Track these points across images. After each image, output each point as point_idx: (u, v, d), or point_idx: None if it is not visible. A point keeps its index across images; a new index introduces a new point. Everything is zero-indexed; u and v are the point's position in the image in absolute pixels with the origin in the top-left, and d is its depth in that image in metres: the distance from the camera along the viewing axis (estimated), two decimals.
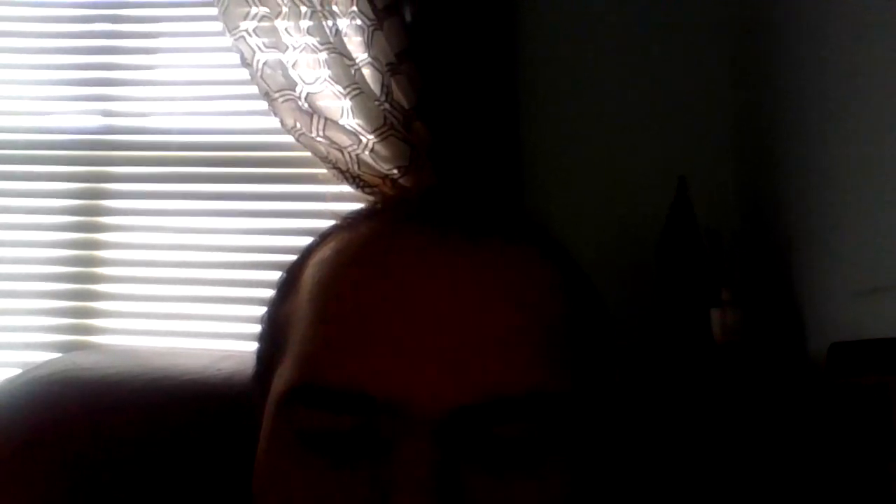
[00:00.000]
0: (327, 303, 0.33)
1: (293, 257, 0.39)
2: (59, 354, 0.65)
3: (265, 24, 1.28)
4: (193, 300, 1.38)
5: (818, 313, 0.99)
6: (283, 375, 0.33)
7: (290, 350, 0.34)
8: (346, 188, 1.29)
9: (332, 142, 1.25)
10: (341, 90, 1.25)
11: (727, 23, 1.32)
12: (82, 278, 1.40)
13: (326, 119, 1.25)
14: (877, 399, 0.59)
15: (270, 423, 0.33)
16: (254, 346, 0.39)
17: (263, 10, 1.28)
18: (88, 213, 1.42)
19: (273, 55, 1.28)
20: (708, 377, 0.95)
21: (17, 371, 0.50)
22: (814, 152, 1.00)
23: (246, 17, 1.28)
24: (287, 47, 1.28)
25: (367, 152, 1.24)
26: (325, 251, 0.36)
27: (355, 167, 1.26)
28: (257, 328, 0.39)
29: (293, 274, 0.37)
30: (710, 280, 1.10)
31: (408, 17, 1.26)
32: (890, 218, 0.80)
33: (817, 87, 0.99)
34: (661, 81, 1.32)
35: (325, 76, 1.26)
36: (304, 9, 1.27)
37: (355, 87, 1.24)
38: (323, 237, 0.38)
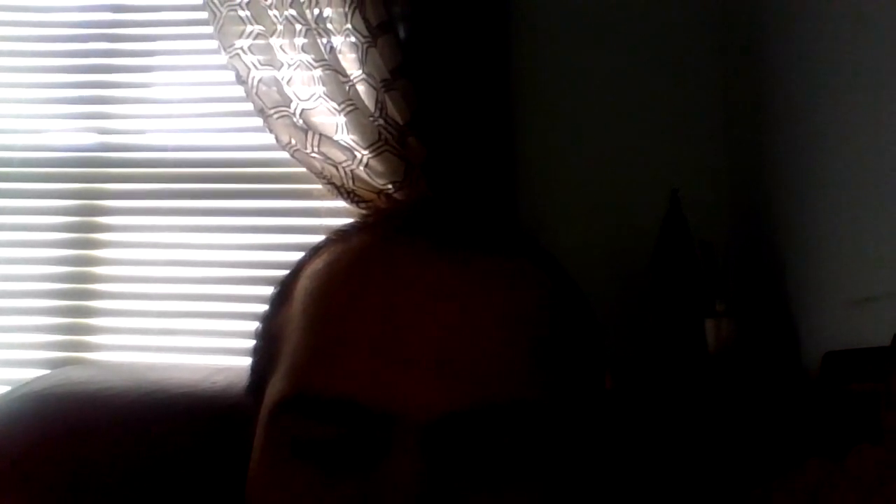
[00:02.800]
0: (319, 314, 0.34)
1: (288, 272, 0.39)
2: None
3: (260, 41, 1.29)
4: (189, 315, 1.38)
5: (811, 323, 0.99)
6: (275, 386, 0.34)
7: (283, 361, 0.34)
8: (341, 203, 1.29)
9: (327, 157, 1.26)
10: (336, 106, 1.26)
11: (720, 36, 1.34)
12: (77, 294, 1.40)
13: (321, 135, 1.26)
14: (869, 406, 0.60)
15: (263, 434, 0.34)
16: (248, 359, 0.40)
17: (258, 28, 1.29)
18: (84, 229, 1.42)
19: (268, 72, 1.29)
20: (702, 387, 0.95)
21: (10, 388, 0.50)
22: (806, 163, 1.01)
23: (241, 34, 1.29)
24: (282, 64, 1.29)
25: (361, 168, 1.25)
26: (318, 264, 0.36)
27: (350, 182, 1.27)
28: (252, 342, 0.39)
29: (286, 286, 0.38)
30: (704, 291, 1.11)
31: (402, 34, 1.27)
32: (882, 228, 0.80)
33: (809, 100, 1.00)
34: (654, 95, 1.33)
35: (319, 93, 1.27)
36: (298, 26, 1.28)
37: (350, 104, 1.25)
38: (316, 250, 0.38)
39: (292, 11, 1.28)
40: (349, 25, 1.26)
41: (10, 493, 0.41)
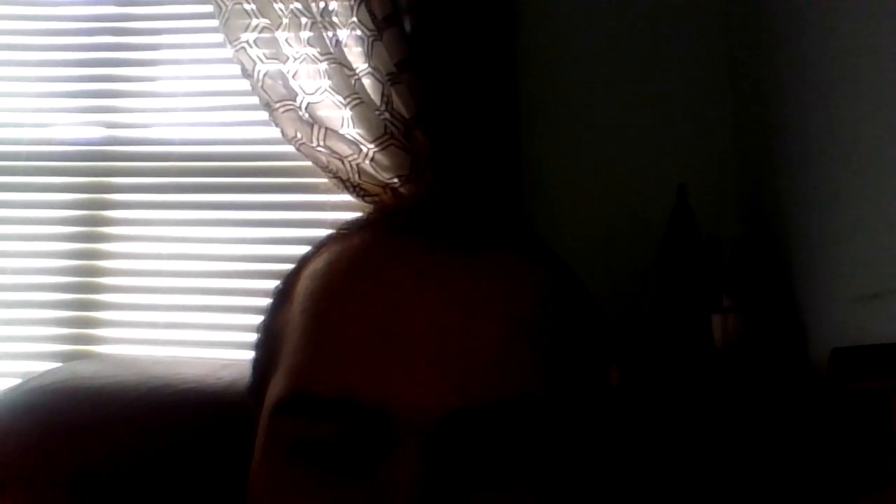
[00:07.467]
0: (318, 315, 0.33)
1: (289, 271, 0.39)
2: (61, 364, 0.65)
3: (266, 35, 1.29)
4: (195, 309, 1.38)
5: (819, 319, 0.99)
6: (275, 386, 0.34)
7: (283, 361, 0.34)
8: (347, 197, 1.29)
9: (333, 151, 1.25)
10: (342, 100, 1.26)
11: (726, 30, 1.33)
12: (84, 288, 1.40)
13: (327, 129, 1.26)
14: (878, 403, 0.59)
15: (264, 435, 0.34)
16: (252, 355, 0.39)
17: (264, 21, 1.29)
18: (90, 223, 1.43)
19: (273, 66, 1.28)
20: (709, 383, 0.94)
21: (19, 381, 0.50)
22: (814, 158, 1.01)
23: (246, 28, 1.29)
24: (287, 58, 1.28)
25: (367, 161, 1.25)
26: (318, 262, 0.36)
27: (356, 176, 1.26)
28: (255, 339, 0.39)
29: (287, 285, 0.38)
30: (711, 286, 1.10)
31: (408, 28, 1.27)
32: (890, 223, 0.80)
33: (817, 94, 0.99)
34: (661, 89, 1.33)
35: (325, 86, 1.27)
36: (304, 20, 1.28)
37: (355, 97, 1.25)
38: (317, 248, 0.38)
39: (298, 5, 1.27)
40: (355, 18, 1.26)
41: (14, 488, 0.41)
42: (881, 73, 0.81)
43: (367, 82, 1.26)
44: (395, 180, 1.24)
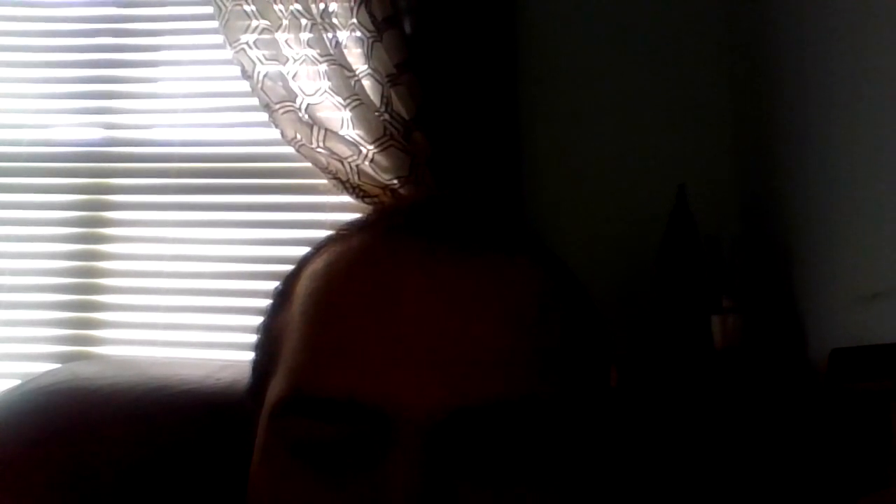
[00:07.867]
0: (318, 316, 0.33)
1: (289, 272, 0.39)
2: (60, 365, 0.65)
3: (265, 36, 1.29)
4: (194, 310, 1.38)
5: (818, 319, 0.99)
6: (275, 387, 0.34)
7: (283, 362, 0.34)
8: (347, 198, 1.29)
9: (333, 152, 1.25)
10: (341, 101, 1.26)
11: (726, 30, 1.33)
12: (83, 289, 1.40)
13: (327, 130, 1.26)
14: (877, 404, 0.59)
15: (263, 436, 0.34)
16: (252, 356, 0.40)
17: (264, 22, 1.29)
18: (90, 224, 1.43)
19: (273, 67, 1.29)
20: (708, 383, 0.94)
21: (18, 382, 0.50)
22: (813, 159, 1.01)
23: (246, 29, 1.29)
24: (287, 59, 1.29)
25: (367, 163, 1.25)
26: (318, 263, 0.36)
27: (355, 177, 1.26)
28: (255, 339, 0.39)
29: (287, 286, 0.38)
30: (711, 287, 1.10)
31: (407, 29, 1.27)
32: (890, 224, 0.80)
33: (817, 94, 0.99)
34: (660, 90, 1.33)
35: (325, 87, 1.27)
36: (304, 21, 1.28)
37: (355, 99, 1.25)
38: (317, 249, 0.38)
39: (297, 6, 1.28)
40: (355, 20, 1.26)
41: (14, 487, 0.41)
42: (881, 74, 0.81)
43: (366, 84, 1.26)
44: (395, 181, 1.24)
